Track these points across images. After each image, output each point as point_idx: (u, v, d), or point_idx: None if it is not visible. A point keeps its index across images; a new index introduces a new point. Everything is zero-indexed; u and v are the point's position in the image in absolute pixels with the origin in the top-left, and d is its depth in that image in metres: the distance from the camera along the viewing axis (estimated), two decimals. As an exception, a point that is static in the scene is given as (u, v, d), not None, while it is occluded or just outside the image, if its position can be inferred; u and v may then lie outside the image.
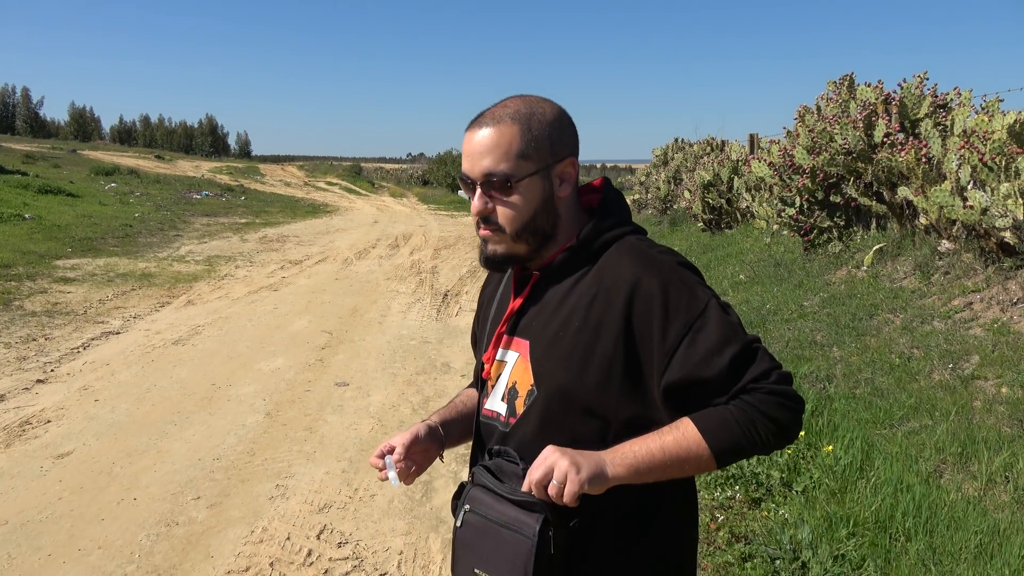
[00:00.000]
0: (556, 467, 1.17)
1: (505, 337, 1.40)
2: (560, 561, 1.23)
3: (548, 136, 1.31)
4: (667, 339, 1.22)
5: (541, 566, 1.20)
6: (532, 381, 1.32)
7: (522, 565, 1.20)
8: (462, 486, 1.37)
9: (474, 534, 1.28)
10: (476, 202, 1.32)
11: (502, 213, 1.32)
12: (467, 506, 1.30)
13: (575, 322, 1.29)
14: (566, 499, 1.15)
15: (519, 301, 1.39)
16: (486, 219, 1.33)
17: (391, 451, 1.44)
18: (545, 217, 1.34)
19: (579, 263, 1.34)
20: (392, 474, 1.41)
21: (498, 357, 1.41)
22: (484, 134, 1.31)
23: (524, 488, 1.21)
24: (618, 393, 1.26)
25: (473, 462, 1.48)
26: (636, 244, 1.33)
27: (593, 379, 1.26)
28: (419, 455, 1.46)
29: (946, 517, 3.11)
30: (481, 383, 1.45)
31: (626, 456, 1.20)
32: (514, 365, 1.37)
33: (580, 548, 1.27)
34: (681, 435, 1.21)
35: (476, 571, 1.27)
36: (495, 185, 1.30)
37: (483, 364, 1.43)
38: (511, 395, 1.37)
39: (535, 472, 1.18)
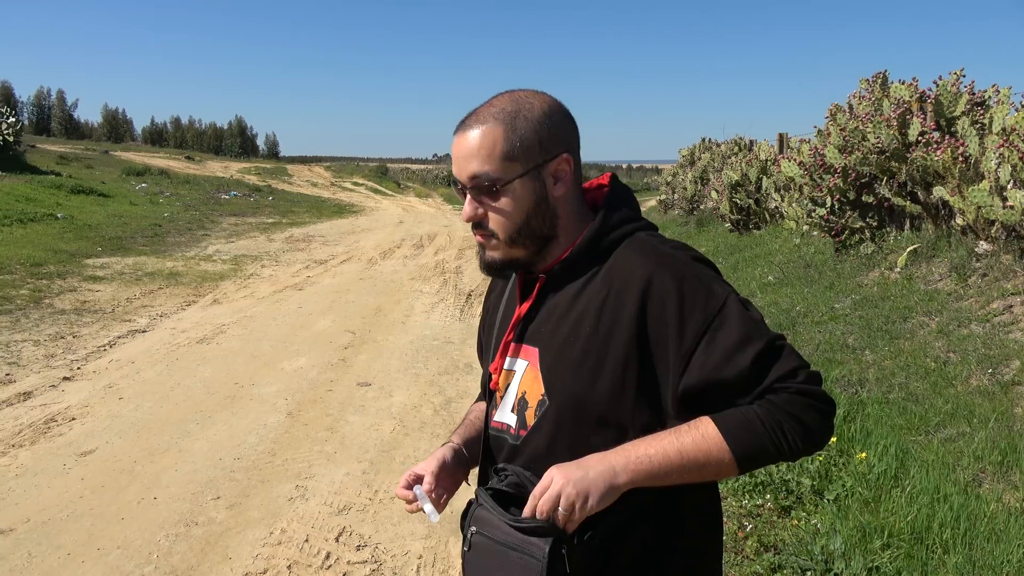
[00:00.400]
0: (563, 495, 1.12)
1: (512, 345, 1.33)
2: None
3: (536, 134, 1.24)
4: (684, 340, 1.15)
5: None
6: (543, 391, 1.25)
7: None
8: (470, 504, 1.30)
9: (482, 557, 1.21)
10: (466, 208, 1.27)
11: (493, 219, 1.26)
12: (473, 528, 1.23)
13: (586, 327, 1.22)
14: (572, 528, 1.12)
15: (526, 306, 1.32)
16: (478, 225, 1.27)
17: (417, 480, 1.37)
18: (541, 219, 1.27)
19: (587, 264, 1.26)
20: (429, 507, 1.32)
21: (506, 366, 1.33)
22: (468, 137, 1.25)
23: (526, 514, 1.15)
24: (634, 401, 1.19)
25: (482, 477, 1.42)
26: (647, 240, 1.26)
27: (607, 387, 1.19)
28: (447, 480, 1.40)
29: (986, 529, 2.98)
30: (489, 394, 1.38)
31: (640, 461, 1.13)
32: (523, 374, 1.29)
33: (600, 564, 1.19)
34: (701, 436, 1.14)
35: None
36: (482, 190, 1.25)
37: (490, 374, 1.36)
38: (521, 406, 1.29)
39: (541, 503, 1.13)
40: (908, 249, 6.52)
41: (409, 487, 1.37)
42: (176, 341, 6.81)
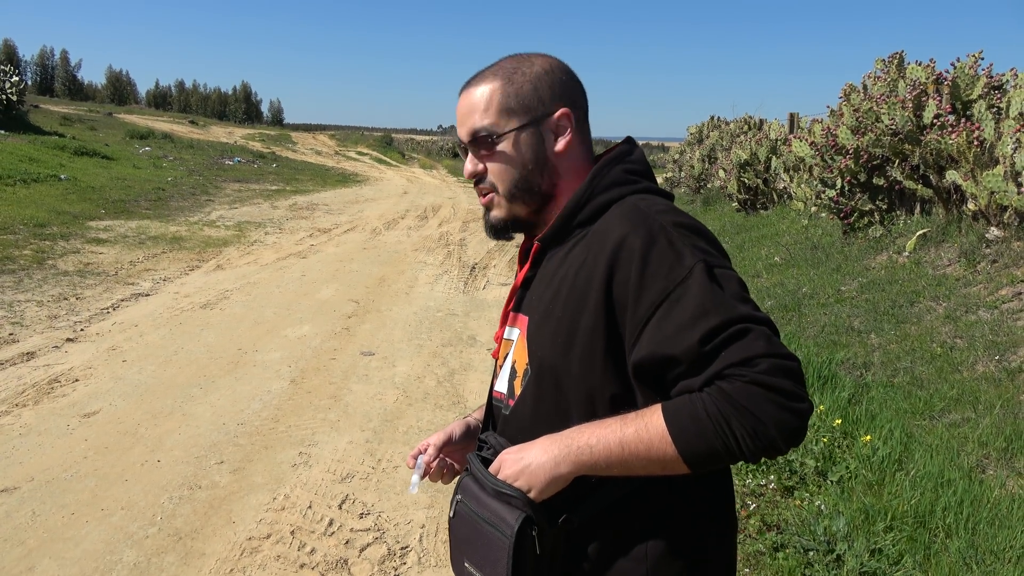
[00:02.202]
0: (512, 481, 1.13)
1: (511, 314, 1.31)
2: (550, 564, 1.13)
3: (534, 87, 1.22)
4: (639, 308, 1.07)
5: (523, 568, 1.09)
6: (527, 360, 1.22)
7: (503, 566, 1.09)
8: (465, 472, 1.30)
9: (464, 527, 1.19)
10: (467, 164, 1.27)
11: (492, 172, 1.25)
12: (459, 496, 1.21)
13: (563, 293, 1.17)
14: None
15: (522, 274, 1.30)
16: (480, 181, 1.26)
17: (427, 451, 1.39)
18: (540, 175, 1.24)
19: (573, 228, 1.22)
20: (415, 476, 1.35)
21: (505, 335, 1.32)
22: (468, 95, 1.25)
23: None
24: (602, 370, 1.12)
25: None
26: (634, 202, 1.16)
27: (578, 355, 1.14)
28: (457, 453, 1.41)
29: (989, 514, 2.98)
30: (494, 364, 1.38)
31: (582, 451, 1.08)
32: (516, 343, 1.27)
33: (578, 550, 1.16)
34: (644, 427, 1.05)
35: (466, 565, 1.18)
36: (481, 143, 1.24)
37: (495, 343, 1.36)
38: (511, 375, 1.27)
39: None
40: (917, 233, 6.47)
41: (417, 456, 1.39)
42: (179, 305, 6.80)
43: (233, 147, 31.15)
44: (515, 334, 1.28)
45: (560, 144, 1.24)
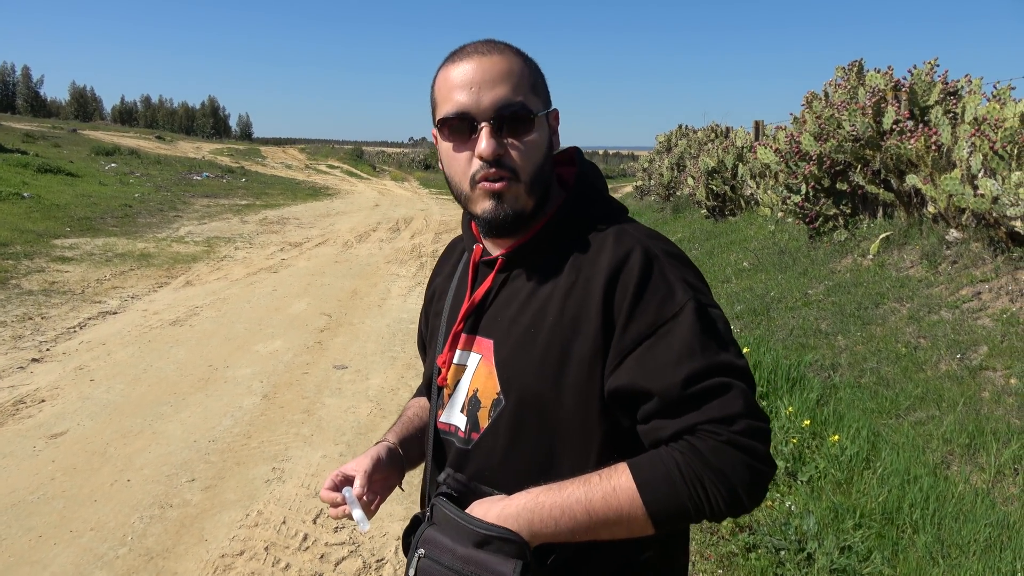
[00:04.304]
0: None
1: (464, 336, 1.17)
2: None
3: (542, 76, 1.16)
4: (626, 336, 1.02)
5: None
6: (498, 389, 1.10)
7: None
8: (415, 520, 1.11)
9: None
10: (488, 141, 1.06)
11: (517, 154, 1.09)
12: (421, 550, 1.03)
13: (549, 317, 1.07)
14: None
15: (480, 292, 1.16)
16: (499, 162, 1.07)
17: (347, 481, 1.18)
18: (547, 171, 1.14)
19: (555, 245, 1.13)
20: (358, 512, 1.14)
21: (456, 360, 1.17)
22: (492, 60, 1.08)
23: None
24: (600, 404, 1.05)
25: (427, 489, 1.25)
26: (624, 226, 1.13)
27: (571, 384, 1.05)
28: (379, 483, 1.22)
29: (954, 509, 3.06)
30: (436, 391, 1.21)
31: (545, 524, 0.98)
32: (475, 369, 1.14)
33: None
34: (612, 490, 0.98)
35: None
36: (516, 118, 1.08)
37: (438, 369, 1.19)
38: (472, 405, 1.14)
39: None
40: (880, 236, 6.61)
41: (336, 488, 1.18)
42: (148, 323, 6.71)
43: (201, 162, 30.83)
44: (473, 359, 1.15)
45: (556, 143, 1.17)
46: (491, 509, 1.01)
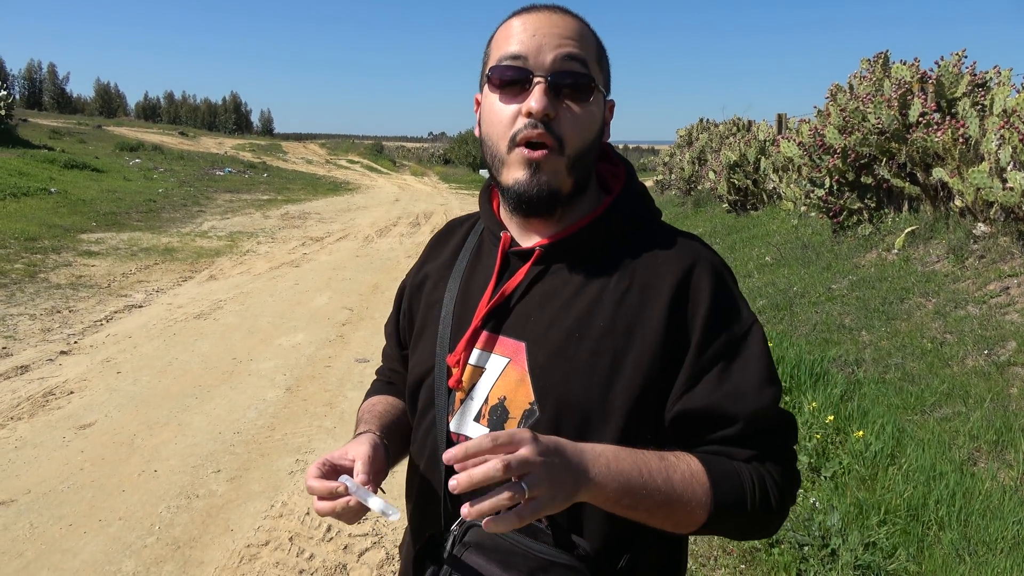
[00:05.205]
0: (530, 479, 0.80)
1: (485, 334, 1.04)
2: None
3: (607, 59, 1.06)
4: (702, 356, 0.97)
5: None
6: (532, 398, 0.99)
7: None
8: (431, 541, 1.00)
9: None
10: (540, 98, 0.95)
11: (567, 122, 0.98)
12: None
13: (599, 322, 0.98)
14: (515, 523, 0.80)
15: (511, 285, 1.04)
16: (547, 125, 0.96)
17: (335, 471, 0.98)
18: (593, 155, 1.04)
19: (601, 245, 1.04)
20: (378, 501, 0.91)
21: (472, 361, 1.04)
22: (567, 20, 1.00)
23: (455, 461, 0.81)
24: (654, 421, 0.98)
25: (423, 513, 1.09)
26: (678, 233, 1.07)
27: (619, 398, 0.96)
28: (375, 476, 1.02)
29: (981, 506, 3.02)
30: (445, 394, 1.06)
31: (617, 479, 0.88)
32: (501, 374, 1.02)
33: None
34: (690, 473, 0.93)
35: None
36: (577, 81, 0.97)
37: (448, 368, 1.05)
38: (497, 415, 1.01)
39: (480, 469, 0.79)
40: (906, 230, 6.52)
41: (328, 478, 0.96)
42: (173, 316, 6.79)
43: (223, 158, 31.10)
44: (496, 362, 1.03)
45: (607, 134, 1.08)
46: (564, 445, 0.88)
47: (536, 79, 0.96)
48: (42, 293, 7.41)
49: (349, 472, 0.98)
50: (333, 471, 0.98)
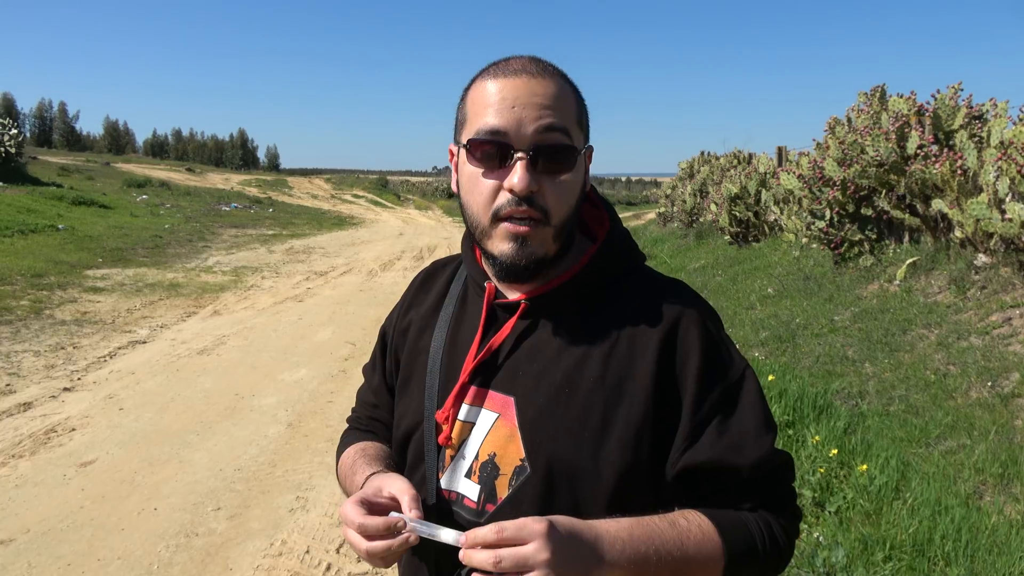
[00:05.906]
0: (535, 572, 0.82)
1: (473, 388, 1.02)
2: None
3: (586, 109, 1.02)
4: (700, 409, 0.96)
5: None
6: (522, 455, 0.97)
7: None
8: None
9: None
10: (524, 175, 0.92)
11: (551, 193, 0.95)
12: None
13: (588, 376, 0.97)
14: None
15: (498, 339, 1.02)
16: (531, 200, 0.94)
17: (374, 510, 0.94)
18: (577, 214, 1.01)
19: (585, 295, 1.02)
20: (450, 532, 0.88)
21: (461, 416, 1.02)
22: (545, 84, 0.95)
23: (462, 552, 0.84)
24: (646, 476, 0.97)
25: (413, 568, 1.06)
26: (662, 282, 1.06)
27: (615, 457, 0.95)
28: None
29: (988, 541, 2.98)
30: (434, 451, 1.04)
31: (634, 562, 0.88)
32: (490, 430, 0.99)
33: None
34: (701, 535, 0.93)
35: None
36: (558, 153, 0.94)
37: (437, 425, 1.03)
38: (487, 472, 0.99)
39: (501, 552, 0.81)
40: (907, 262, 6.53)
41: (364, 509, 0.93)
42: (176, 352, 6.81)
43: (230, 193, 31.40)
44: (485, 417, 1.01)
45: (587, 184, 1.04)
46: (579, 536, 0.87)
47: (518, 155, 0.93)
48: (47, 329, 7.44)
49: (386, 510, 0.94)
50: (373, 510, 0.94)
